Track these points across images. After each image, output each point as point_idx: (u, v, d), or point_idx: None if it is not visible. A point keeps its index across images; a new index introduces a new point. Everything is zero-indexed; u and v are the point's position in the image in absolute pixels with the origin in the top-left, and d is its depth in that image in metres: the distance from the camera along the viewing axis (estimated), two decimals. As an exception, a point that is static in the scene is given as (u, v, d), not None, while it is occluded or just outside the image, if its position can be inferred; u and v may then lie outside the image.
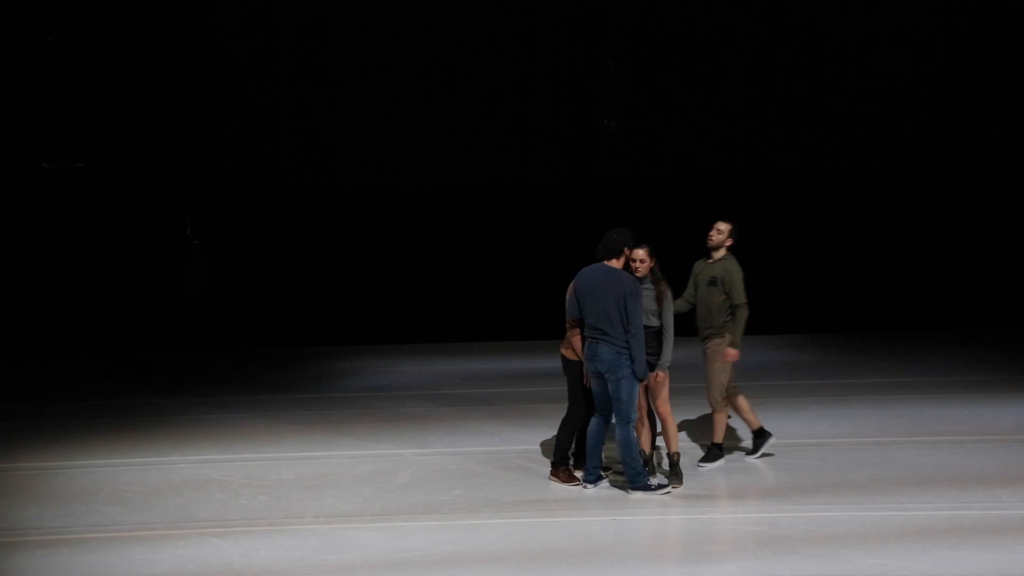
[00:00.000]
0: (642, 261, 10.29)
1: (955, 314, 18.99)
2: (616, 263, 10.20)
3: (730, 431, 11.60)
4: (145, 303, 18.75)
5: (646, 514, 9.80)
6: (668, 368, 10.33)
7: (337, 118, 18.99)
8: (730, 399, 11.09)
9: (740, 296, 10.85)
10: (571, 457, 10.76)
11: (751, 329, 11.07)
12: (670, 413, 10.43)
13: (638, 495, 10.09)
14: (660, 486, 10.23)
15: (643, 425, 10.46)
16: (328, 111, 18.97)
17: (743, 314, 10.87)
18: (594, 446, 10.35)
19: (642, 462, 10.25)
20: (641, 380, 10.13)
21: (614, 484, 10.42)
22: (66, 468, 11.60)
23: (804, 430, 12.34)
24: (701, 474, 10.72)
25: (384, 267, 19.23)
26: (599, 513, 9.77)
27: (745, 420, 11.28)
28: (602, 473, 10.47)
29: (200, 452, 12.12)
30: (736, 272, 10.88)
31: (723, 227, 11.04)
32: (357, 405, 14.44)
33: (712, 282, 10.89)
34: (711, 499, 10.05)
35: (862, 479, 10.44)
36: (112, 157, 18.38)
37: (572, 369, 10.58)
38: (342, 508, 10.08)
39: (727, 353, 10.88)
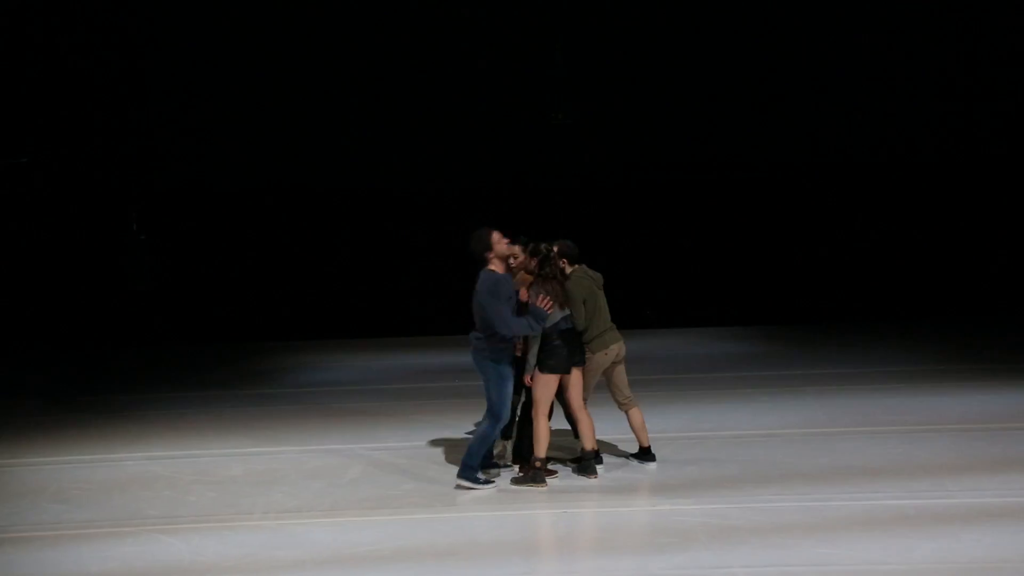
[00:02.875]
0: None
1: (900, 305, 19.16)
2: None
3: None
4: (92, 299, 18.60)
5: (596, 507, 9.81)
6: (535, 370, 10.19)
7: (284, 115, 18.92)
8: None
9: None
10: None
11: (701, 321, 11.07)
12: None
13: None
14: (487, 482, 10.25)
15: (581, 422, 10.46)
16: (276, 108, 18.91)
17: None
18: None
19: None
20: None
21: (575, 475, 10.44)
22: (11, 466, 11.49)
23: (752, 421, 12.40)
24: (649, 467, 10.70)
25: (332, 263, 19.16)
26: (550, 506, 9.77)
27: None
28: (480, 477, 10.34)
29: (148, 449, 12.03)
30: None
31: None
32: (306, 400, 14.38)
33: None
34: (661, 491, 10.07)
35: (810, 470, 10.50)
36: (56, 152, 18.22)
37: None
38: (291, 504, 10.03)
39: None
